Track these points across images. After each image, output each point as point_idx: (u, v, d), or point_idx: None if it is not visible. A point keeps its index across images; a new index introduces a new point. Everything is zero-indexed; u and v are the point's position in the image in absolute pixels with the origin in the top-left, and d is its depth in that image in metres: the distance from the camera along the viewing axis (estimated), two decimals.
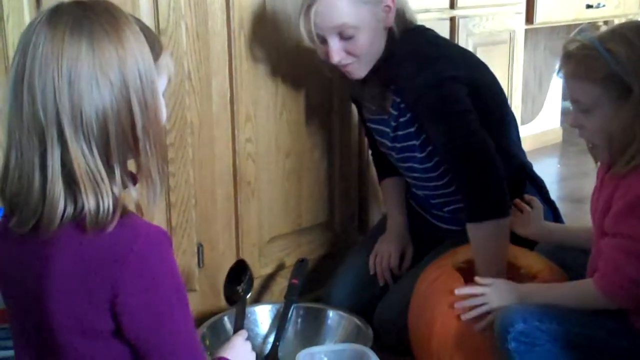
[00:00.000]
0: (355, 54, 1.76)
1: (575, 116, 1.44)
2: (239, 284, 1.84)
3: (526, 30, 3.05)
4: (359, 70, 1.81)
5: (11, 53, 1.58)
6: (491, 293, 1.53)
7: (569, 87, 1.43)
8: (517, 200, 1.81)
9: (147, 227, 1.04)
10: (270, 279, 2.13)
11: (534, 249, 1.79)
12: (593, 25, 3.72)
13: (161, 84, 1.14)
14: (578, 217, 2.48)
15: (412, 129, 1.85)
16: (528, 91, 3.76)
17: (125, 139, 1.02)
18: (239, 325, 1.73)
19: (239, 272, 1.87)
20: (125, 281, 1.00)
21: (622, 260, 1.38)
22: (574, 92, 1.41)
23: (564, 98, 4.19)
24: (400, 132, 1.88)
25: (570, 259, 1.68)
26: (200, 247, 1.94)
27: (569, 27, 3.68)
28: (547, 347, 1.40)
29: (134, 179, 1.07)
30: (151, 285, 1.02)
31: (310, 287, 2.07)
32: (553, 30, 3.72)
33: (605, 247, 1.42)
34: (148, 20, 1.72)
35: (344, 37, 1.74)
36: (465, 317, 1.54)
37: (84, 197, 0.98)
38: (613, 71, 1.34)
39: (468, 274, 1.66)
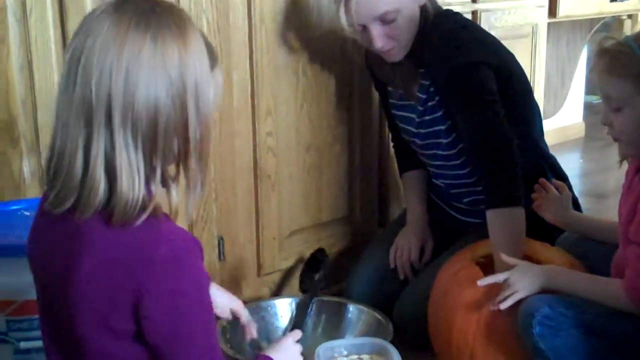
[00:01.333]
0: (396, 37, 1.79)
1: (606, 113, 1.43)
2: (316, 271, 1.88)
3: (549, 24, 3.02)
4: (400, 52, 1.83)
5: (34, 47, 1.59)
6: (514, 275, 1.52)
7: (601, 83, 1.42)
8: (543, 180, 1.80)
9: (177, 232, 1.03)
10: (290, 272, 2.13)
11: (556, 242, 1.78)
12: (617, 19, 3.68)
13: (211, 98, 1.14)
14: (599, 212, 2.45)
15: (439, 114, 1.86)
16: (550, 85, 3.73)
17: (173, 138, 1.01)
18: (300, 320, 1.77)
19: (317, 261, 1.92)
20: (149, 285, 0.99)
21: None
22: (606, 88, 1.41)
23: (587, 92, 4.16)
24: (427, 117, 1.89)
25: (590, 253, 1.67)
26: (220, 240, 1.94)
27: (592, 21, 3.65)
28: (572, 332, 1.41)
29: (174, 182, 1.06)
30: (175, 292, 1.01)
31: (330, 280, 2.08)
32: (576, 24, 3.69)
33: (630, 255, 1.41)
34: None
35: (386, 22, 1.76)
36: (503, 306, 1.51)
37: (119, 188, 0.98)
38: None
39: (487, 268, 1.65)
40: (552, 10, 3.12)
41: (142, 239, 1.00)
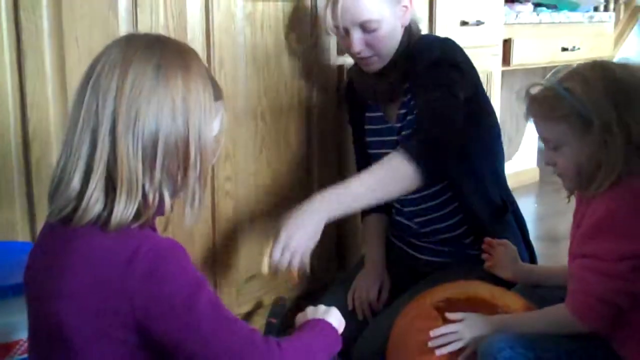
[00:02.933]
0: (375, 47, 1.86)
1: (548, 155, 1.51)
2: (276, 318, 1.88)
3: (503, 72, 3.10)
4: (377, 63, 1.90)
5: None
6: (463, 328, 1.55)
7: (537, 128, 1.51)
8: (489, 239, 1.83)
9: (159, 237, 1.09)
10: (247, 317, 2.11)
11: (513, 288, 1.79)
12: (568, 67, 3.78)
13: (214, 126, 1.19)
14: (554, 256, 2.49)
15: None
16: (505, 131, 3.77)
17: (174, 154, 1.07)
18: None
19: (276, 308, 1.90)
20: (135, 284, 1.01)
21: (589, 279, 1.41)
22: (542, 132, 1.50)
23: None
24: (404, 133, 1.93)
25: (548, 296, 1.69)
26: None
27: (544, 69, 3.74)
28: None
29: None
30: (162, 284, 1.03)
31: (288, 326, 2.06)
32: (529, 72, 3.78)
33: (574, 269, 1.46)
34: None
35: (366, 30, 1.84)
36: (440, 352, 1.55)
37: (117, 199, 1.04)
38: (573, 107, 1.41)
39: (447, 312, 1.65)
40: (506, 59, 3.20)
41: (127, 244, 1.04)
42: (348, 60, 2.22)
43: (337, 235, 2.33)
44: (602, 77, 1.43)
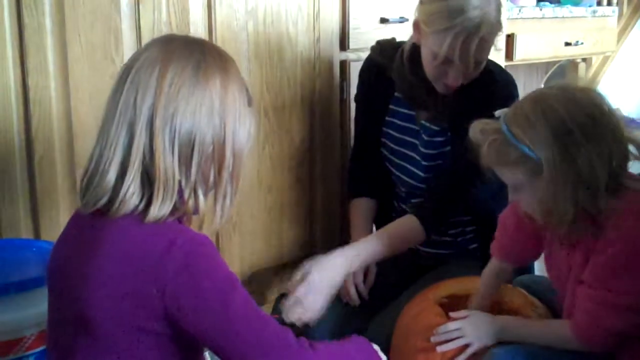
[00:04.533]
0: (467, 79, 1.78)
1: (512, 194, 1.46)
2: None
3: (506, 67, 3.08)
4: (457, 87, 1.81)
5: None
6: (467, 326, 1.53)
7: (495, 171, 1.45)
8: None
9: (195, 232, 1.09)
10: None
11: (514, 282, 1.79)
12: (572, 62, 3.77)
13: (248, 130, 1.19)
14: None
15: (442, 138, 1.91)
16: None
17: (209, 153, 1.08)
18: None
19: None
20: (169, 275, 1.02)
21: (601, 313, 1.38)
22: (500, 176, 1.44)
23: None
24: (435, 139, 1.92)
25: (547, 291, 1.68)
26: None
27: (547, 64, 3.73)
28: None
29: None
30: (197, 278, 1.03)
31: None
32: (532, 67, 3.77)
33: (582, 296, 1.42)
34: None
35: (476, 67, 1.76)
36: (442, 348, 1.54)
37: (155, 193, 1.04)
38: (518, 152, 1.36)
39: (450, 308, 1.65)
40: (509, 54, 3.18)
41: (162, 238, 1.05)
42: (351, 56, 2.22)
43: (341, 231, 2.33)
44: (543, 115, 1.35)
